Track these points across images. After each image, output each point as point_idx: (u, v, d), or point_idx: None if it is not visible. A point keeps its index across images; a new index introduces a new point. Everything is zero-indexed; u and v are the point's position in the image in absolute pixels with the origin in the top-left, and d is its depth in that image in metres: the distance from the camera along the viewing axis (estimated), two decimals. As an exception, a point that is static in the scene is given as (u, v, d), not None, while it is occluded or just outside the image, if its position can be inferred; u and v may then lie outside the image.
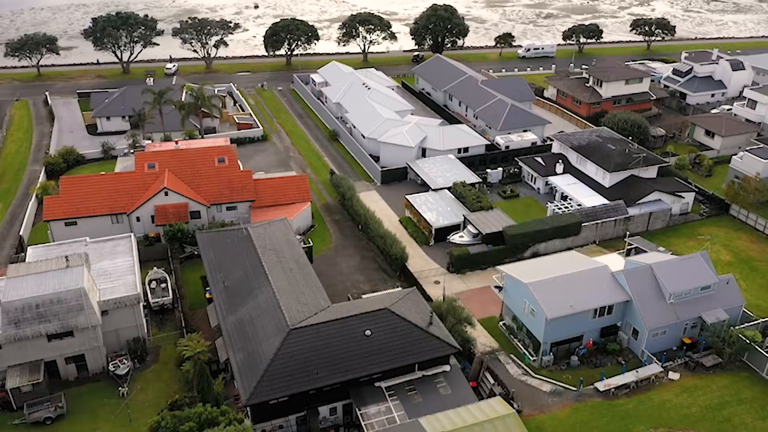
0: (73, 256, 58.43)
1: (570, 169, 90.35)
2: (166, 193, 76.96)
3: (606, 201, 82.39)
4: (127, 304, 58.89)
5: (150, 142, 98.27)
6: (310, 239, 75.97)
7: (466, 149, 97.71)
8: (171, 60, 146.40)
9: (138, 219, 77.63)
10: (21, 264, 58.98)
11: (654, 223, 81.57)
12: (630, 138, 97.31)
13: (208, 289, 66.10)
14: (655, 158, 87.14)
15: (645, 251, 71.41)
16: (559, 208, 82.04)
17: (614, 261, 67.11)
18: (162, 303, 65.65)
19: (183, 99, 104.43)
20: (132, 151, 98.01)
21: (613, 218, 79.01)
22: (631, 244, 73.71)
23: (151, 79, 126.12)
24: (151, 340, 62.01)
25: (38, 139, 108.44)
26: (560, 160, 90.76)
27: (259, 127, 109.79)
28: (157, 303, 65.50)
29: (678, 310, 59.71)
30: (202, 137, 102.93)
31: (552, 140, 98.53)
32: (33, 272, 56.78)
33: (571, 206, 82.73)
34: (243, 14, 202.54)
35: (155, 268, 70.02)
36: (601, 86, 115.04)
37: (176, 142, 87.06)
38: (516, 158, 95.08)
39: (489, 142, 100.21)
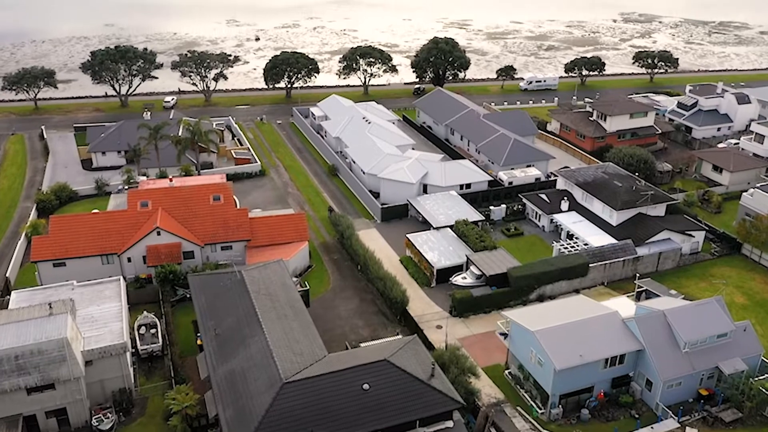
0: (57, 302, 55.56)
1: (575, 207, 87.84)
2: (159, 233, 74.43)
3: (613, 240, 79.68)
4: (113, 354, 55.88)
5: (144, 179, 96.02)
6: (306, 282, 73.16)
7: (468, 185, 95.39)
8: (180, 91, 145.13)
9: (129, 260, 75.00)
10: (2, 312, 56.10)
11: (664, 264, 78.72)
12: (636, 174, 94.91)
13: (199, 335, 63.07)
14: (663, 196, 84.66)
15: (656, 294, 68.56)
16: (566, 248, 79.33)
17: (624, 305, 64.17)
18: (151, 350, 62.64)
19: (180, 133, 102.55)
20: (126, 187, 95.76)
21: (622, 259, 76.21)
22: (641, 287, 70.81)
23: (149, 113, 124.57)
24: (137, 391, 58.86)
25: (32, 174, 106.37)
26: (565, 197, 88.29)
27: (257, 161, 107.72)
28: (146, 350, 62.49)
29: (693, 359, 56.59)
30: (199, 172, 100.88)
31: (556, 176, 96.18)
32: (14, 320, 53.88)
33: (578, 245, 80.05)
34: (244, 47, 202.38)
35: (145, 312, 67.18)
36: (605, 120, 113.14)
37: (170, 179, 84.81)
38: (520, 195, 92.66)
39: (492, 178, 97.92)
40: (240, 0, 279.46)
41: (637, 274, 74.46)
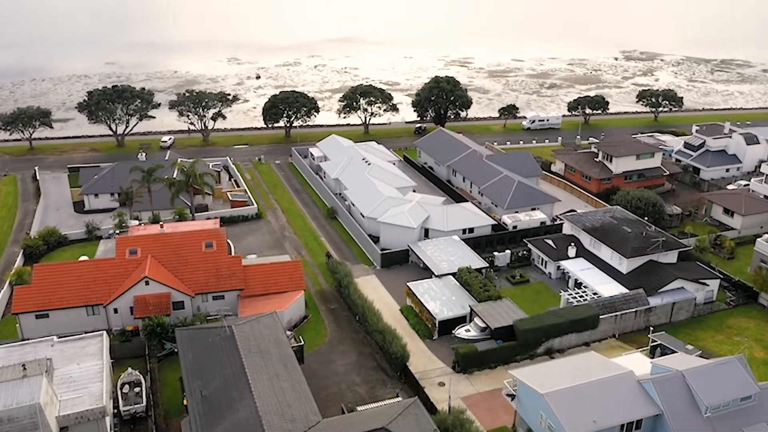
0: (32, 363, 51.82)
1: (583, 253, 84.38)
2: (147, 283, 71.02)
3: (624, 289, 76.04)
4: (91, 419, 52.00)
5: (136, 223, 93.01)
6: (301, 336, 69.29)
7: (471, 230, 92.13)
8: (178, 131, 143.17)
9: (115, 311, 71.50)
10: (-27, 373, 52.36)
11: (677, 314, 74.94)
12: (645, 218, 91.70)
13: (186, 395, 59.16)
14: (675, 242, 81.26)
15: (671, 350, 64.70)
16: (574, 298, 75.69)
17: (638, 362, 60.24)
18: (134, 411, 58.66)
19: (175, 176, 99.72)
20: (117, 231, 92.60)
21: (634, 310, 72.46)
22: (655, 341, 66.95)
23: (144, 154, 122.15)
24: (117, 458, 54.83)
25: (22, 217, 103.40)
26: (572, 243, 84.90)
27: (253, 204, 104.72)
28: (129, 411, 58.50)
29: (716, 425, 52.40)
30: (193, 216, 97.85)
31: (562, 220, 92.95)
32: (-15, 383, 50.16)
33: (587, 295, 76.40)
34: (244, 85, 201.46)
35: (130, 369, 63.31)
36: (611, 161, 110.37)
37: (161, 226, 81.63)
38: (525, 240, 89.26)
39: (495, 222, 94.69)
40: (243, 37, 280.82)
41: (651, 328, 70.55)
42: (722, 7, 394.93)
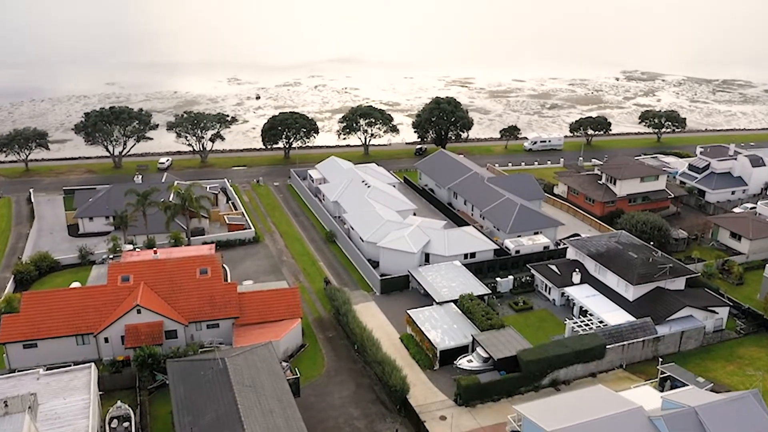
0: (15, 399, 49.55)
1: (588, 279, 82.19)
2: (139, 311, 68.87)
3: (631, 317, 73.81)
4: (76, 458, 49.63)
5: (130, 247, 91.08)
6: (297, 368, 66.88)
7: (473, 254, 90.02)
8: (176, 152, 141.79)
9: (106, 340, 69.28)
10: (-48, 409, 50.05)
11: (686, 343, 72.60)
12: (651, 242, 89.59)
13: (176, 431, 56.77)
14: (682, 268, 79.06)
15: (681, 382, 62.31)
16: (579, 326, 73.42)
17: (647, 396, 57.75)
18: (122, 448, 56.26)
19: (171, 198, 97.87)
20: (111, 256, 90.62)
21: (641, 339, 70.14)
22: (665, 373, 64.56)
23: (140, 176, 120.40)
24: (103, 499, 52.34)
25: (14, 241, 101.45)
26: (577, 269, 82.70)
27: (251, 227, 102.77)
28: (116, 448, 56.11)
29: (731, 465, 49.98)
30: (189, 240, 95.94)
31: (566, 244, 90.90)
32: (-36, 421, 47.86)
33: (593, 323, 74.15)
34: (244, 105, 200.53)
35: (119, 402, 60.72)
36: (614, 184, 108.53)
37: (155, 251, 79.62)
38: (528, 265, 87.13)
39: (498, 246, 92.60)
40: (243, 57, 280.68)
41: (660, 359, 68.14)
42: (721, 28, 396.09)
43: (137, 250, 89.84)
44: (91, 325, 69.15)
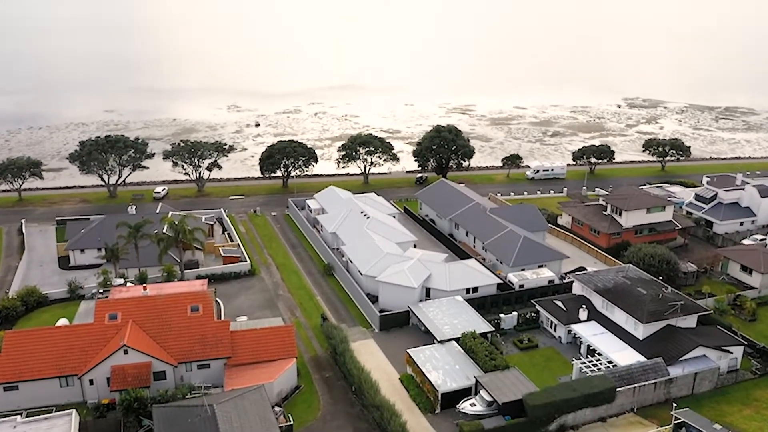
0: (-13, 452, 46.44)
1: (595, 316, 79.06)
2: (126, 352, 65.78)
3: (641, 357, 70.54)
4: None
5: (120, 282, 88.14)
6: (290, 414, 63.54)
7: (475, 289, 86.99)
8: (173, 181, 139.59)
9: (91, 382, 66.09)
10: None
11: (700, 385, 69.25)
12: (659, 276, 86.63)
13: (161, 483, 53.41)
14: (694, 306, 75.85)
15: (698, 429, 58.89)
16: (588, 367, 70.14)
17: (663, 445, 54.54)
18: (103, 501, 52.81)
19: (164, 230, 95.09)
20: (101, 291, 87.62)
21: (653, 381, 66.81)
22: (679, 419, 61.16)
23: (134, 207, 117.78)
24: None
25: (3, 274, 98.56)
26: (583, 305, 79.63)
27: (246, 260, 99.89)
28: (97, 502, 52.65)
29: None
30: (182, 273, 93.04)
31: (571, 278, 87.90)
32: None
33: (601, 363, 70.87)
34: (243, 132, 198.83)
35: (102, 450, 57.59)
36: (620, 215, 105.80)
37: (144, 288, 76.68)
38: (532, 300, 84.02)
39: (501, 281, 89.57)
40: (243, 84, 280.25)
41: (674, 403, 64.76)
42: (721, 55, 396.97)
43: (128, 284, 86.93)
44: (75, 367, 66.04)
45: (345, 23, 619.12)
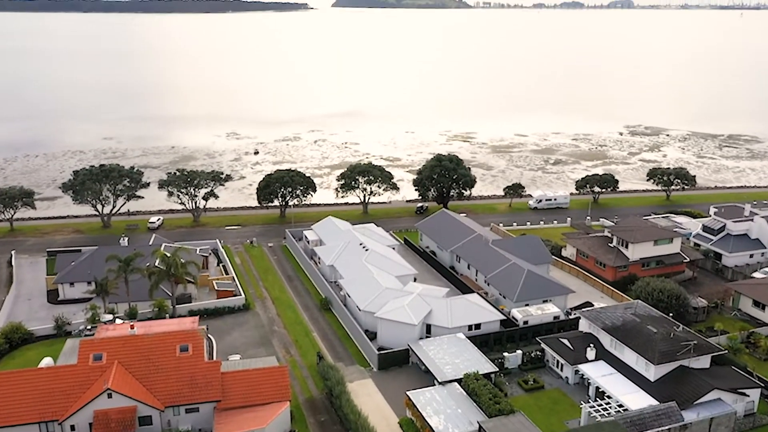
0: None
1: (603, 355, 75.58)
2: (110, 395, 62.31)
3: (653, 401, 66.91)
4: None
5: (108, 318, 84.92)
6: (282, 464, 60.02)
7: (477, 326, 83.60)
8: (169, 210, 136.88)
9: (73, 428, 62.55)
10: None
11: (716, 431, 65.47)
12: (669, 313, 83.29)
13: None
14: (708, 346, 72.38)
15: (717, 482, 55.15)
16: (597, 411, 66.51)
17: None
18: None
19: (157, 263, 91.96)
20: (89, 327, 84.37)
21: (667, 427, 63.13)
22: (696, 469, 57.48)
23: (126, 239, 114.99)
24: None
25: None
26: (591, 344, 76.18)
27: (241, 294, 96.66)
28: None
29: None
30: (174, 308, 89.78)
31: (577, 314, 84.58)
32: None
33: (611, 406, 67.27)
34: (242, 160, 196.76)
35: (80, 505, 53.89)
36: (626, 247, 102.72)
37: (132, 326, 73.43)
38: (538, 339, 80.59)
39: (504, 317, 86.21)
40: (244, 112, 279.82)
41: (690, 453, 61.19)
42: (721, 82, 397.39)
43: (117, 321, 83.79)
44: (57, 411, 62.55)
45: (347, 52, 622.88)
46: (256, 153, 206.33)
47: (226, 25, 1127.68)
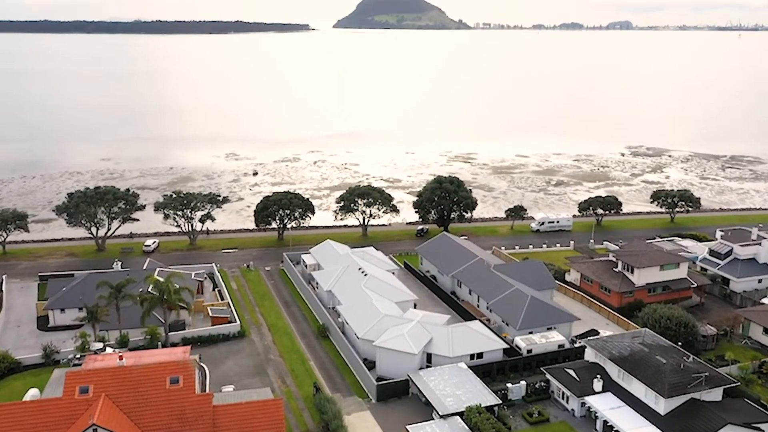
0: None
1: (611, 386, 72.76)
2: (96, 431, 59.37)
3: (665, 436, 64.06)
4: None
5: (98, 347, 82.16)
6: (275, 506, 57.01)
7: (480, 355, 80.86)
8: (165, 233, 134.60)
9: (56, 466, 59.51)
10: None
11: (730, 469, 62.60)
12: (678, 342, 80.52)
13: None
14: (720, 378, 69.59)
15: None
16: (605, 447, 63.64)
17: None
18: None
19: (150, 289, 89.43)
20: (78, 356, 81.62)
21: (679, 465, 60.28)
22: None
23: (119, 263, 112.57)
24: None
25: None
26: (598, 375, 73.39)
27: (236, 320, 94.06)
28: None
29: None
30: (167, 335, 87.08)
31: (582, 341, 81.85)
32: None
33: (620, 443, 64.41)
34: (240, 182, 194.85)
35: None
36: (632, 272, 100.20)
37: (120, 357, 70.67)
38: (542, 369, 77.76)
39: (507, 345, 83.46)
40: (244, 132, 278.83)
41: (704, 493, 58.17)
42: (720, 103, 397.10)
43: (107, 349, 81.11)
44: (40, 448, 59.66)
45: (347, 72, 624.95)
46: (255, 174, 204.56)
47: (228, 46, 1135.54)
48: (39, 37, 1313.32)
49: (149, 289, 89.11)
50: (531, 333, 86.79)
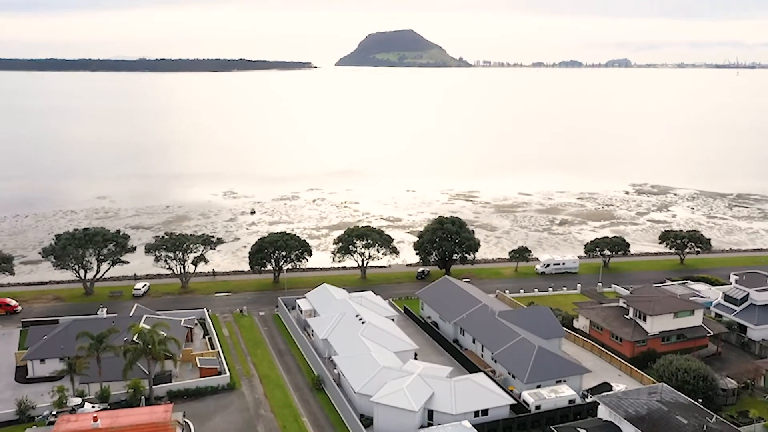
0: None
1: (627, 448, 67.13)
2: (63, 504, 53.88)
3: (689, 508, 58.26)
4: None
5: (77, 403, 76.78)
6: None
7: (485, 411, 75.31)
8: (157, 275, 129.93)
9: None
10: None
11: None
12: (699, 399, 74.99)
13: None
14: (747, 441, 64.17)
15: None
16: None
17: None
18: None
19: (134, 339, 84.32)
20: (55, 412, 76.19)
21: None
22: None
23: (104, 310, 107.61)
24: None
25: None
26: (613, 436, 67.86)
27: (225, 372, 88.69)
28: None
29: None
30: (151, 388, 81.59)
31: (595, 397, 76.27)
32: None
33: None
34: (237, 221, 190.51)
35: None
36: (644, 320, 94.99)
37: (95, 419, 65.41)
38: (552, 428, 72.13)
39: (514, 400, 77.94)
40: (244, 169, 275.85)
41: None
42: (722, 141, 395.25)
43: (85, 405, 75.78)
44: None
45: (349, 110, 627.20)
46: (253, 213, 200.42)
47: (231, 83, 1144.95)
48: (42, 75, 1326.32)
49: (133, 339, 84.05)
50: (539, 386, 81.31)
